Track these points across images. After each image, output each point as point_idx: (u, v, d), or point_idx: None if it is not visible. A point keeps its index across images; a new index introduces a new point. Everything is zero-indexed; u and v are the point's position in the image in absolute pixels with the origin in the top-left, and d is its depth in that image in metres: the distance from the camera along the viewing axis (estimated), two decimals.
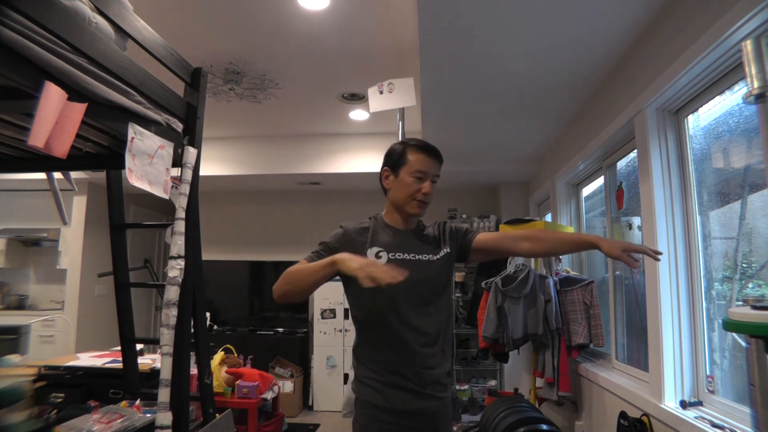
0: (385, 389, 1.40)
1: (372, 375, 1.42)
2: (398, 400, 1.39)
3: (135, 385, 2.02)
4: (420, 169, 1.47)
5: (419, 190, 1.47)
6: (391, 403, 1.39)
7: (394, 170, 1.51)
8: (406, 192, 1.47)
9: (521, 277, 3.02)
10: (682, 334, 2.01)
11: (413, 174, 1.46)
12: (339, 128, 4.64)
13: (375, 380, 1.41)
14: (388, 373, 1.40)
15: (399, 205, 1.51)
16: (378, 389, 1.40)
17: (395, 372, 1.40)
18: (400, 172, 1.49)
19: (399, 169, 1.49)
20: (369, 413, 1.41)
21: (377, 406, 1.40)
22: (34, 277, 5.45)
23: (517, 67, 2.58)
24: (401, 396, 1.39)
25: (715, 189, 1.99)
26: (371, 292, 1.25)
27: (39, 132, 1.03)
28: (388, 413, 1.39)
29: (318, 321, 5.02)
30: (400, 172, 1.49)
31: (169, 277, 1.62)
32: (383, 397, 1.39)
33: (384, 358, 1.42)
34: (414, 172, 1.47)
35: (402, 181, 1.48)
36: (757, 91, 1.13)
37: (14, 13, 1.01)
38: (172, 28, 2.79)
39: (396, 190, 1.50)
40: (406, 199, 1.48)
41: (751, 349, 1.04)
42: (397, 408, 1.39)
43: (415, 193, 1.47)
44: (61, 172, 1.99)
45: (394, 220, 1.54)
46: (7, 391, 1.49)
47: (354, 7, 2.58)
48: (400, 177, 1.49)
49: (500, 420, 2.52)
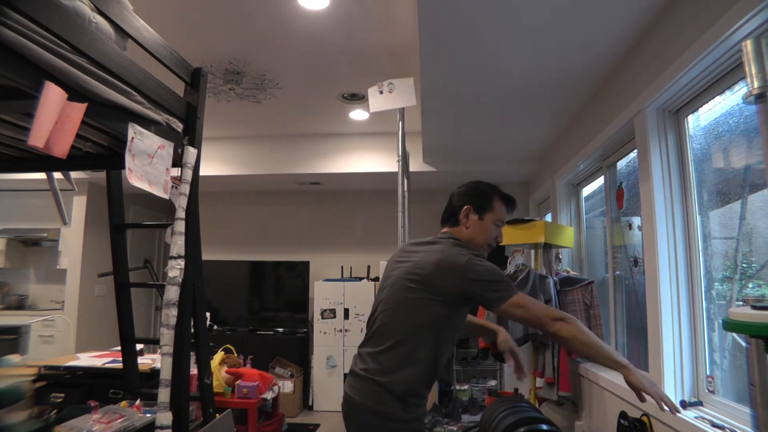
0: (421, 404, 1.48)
1: (418, 401, 1.47)
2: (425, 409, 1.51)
3: (135, 385, 2.02)
4: (502, 219, 1.59)
5: (495, 237, 1.59)
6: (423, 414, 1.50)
7: (478, 211, 1.58)
8: (486, 236, 1.58)
9: (521, 277, 3.02)
10: (682, 334, 2.01)
11: (496, 221, 1.58)
12: (339, 128, 4.64)
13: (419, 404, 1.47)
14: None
15: (473, 245, 1.56)
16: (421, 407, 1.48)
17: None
18: (485, 216, 1.57)
19: (485, 213, 1.58)
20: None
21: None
22: (34, 277, 5.45)
23: (517, 67, 2.58)
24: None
25: (715, 189, 1.99)
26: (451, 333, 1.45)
27: (39, 132, 1.03)
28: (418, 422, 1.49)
29: (318, 321, 5.02)
30: (485, 216, 1.57)
31: (169, 277, 1.62)
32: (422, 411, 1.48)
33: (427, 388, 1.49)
34: (497, 220, 1.59)
35: (485, 226, 1.57)
36: (757, 91, 1.13)
37: (14, 13, 1.01)
38: (172, 28, 2.79)
39: (475, 231, 1.57)
40: (483, 242, 1.58)
41: (751, 349, 1.04)
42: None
43: (492, 239, 1.59)
44: (61, 172, 1.98)
45: None
46: (7, 391, 1.49)
47: (354, 7, 2.58)
48: (485, 221, 1.57)
49: (500, 420, 2.51)
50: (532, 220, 3.21)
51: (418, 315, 1.43)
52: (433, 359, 1.44)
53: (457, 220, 1.58)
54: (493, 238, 1.58)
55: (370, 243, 5.68)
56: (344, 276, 5.48)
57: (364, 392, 1.43)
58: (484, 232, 1.57)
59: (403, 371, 1.41)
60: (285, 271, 5.54)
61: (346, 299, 5.00)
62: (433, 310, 1.42)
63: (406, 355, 1.41)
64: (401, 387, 1.40)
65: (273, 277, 5.60)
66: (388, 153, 4.72)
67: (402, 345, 1.42)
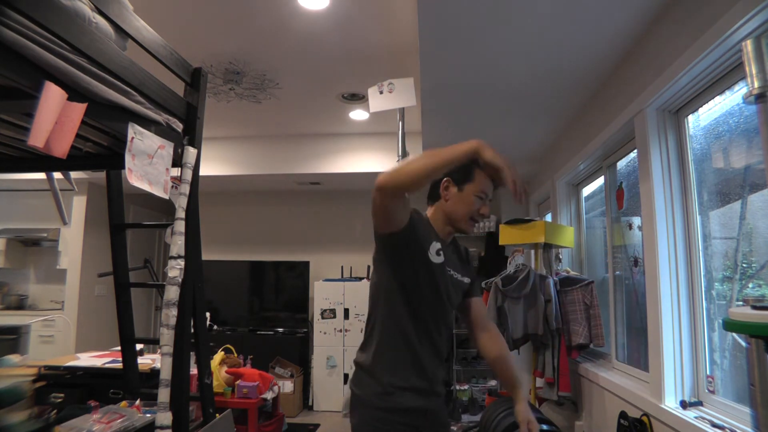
0: (403, 393, 1.40)
1: (394, 381, 1.41)
2: (410, 400, 1.41)
3: (135, 385, 2.02)
4: (485, 191, 1.48)
5: (478, 210, 1.48)
6: (404, 405, 1.40)
7: (458, 183, 1.49)
8: (467, 209, 1.48)
9: (521, 277, 3.02)
10: (682, 334, 2.01)
11: (478, 193, 1.47)
12: (339, 128, 4.64)
13: (395, 386, 1.41)
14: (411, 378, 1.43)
15: (454, 218, 1.50)
16: (397, 393, 1.40)
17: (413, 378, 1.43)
18: (465, 187, 1.48)
19: (464, 184, 1.48)
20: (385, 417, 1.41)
21: (397, 409, 1.39)
22: (34, 277, 5.45)
23: (517, 67, 2.58)
24: (412, 396, 1.41)
25: (715, 189, 1.99)
26: (428, 285, 1.39)
27: (39, 132, 1.03)
28: (399, 414, 1.40)
29: (318, 321, 5.02)
30: (465, 188, 1.48)
31: (169, 277, 1.62)
32: (400, 401, 1.39)
33: (403, 367, 1.42)
34: (479, 191, 1.47)
35: (465, 197, 1.48)
36: (757, 91, 1.13)
37: (14, 13, 1.01)
38: (172, 28, 2.79)
39: (455, 204, 1.49)
40: (463, 215, 1.48)
41: (751, 349, 1.04)
42: (410, 407, 1.41)
43: (474, 212, 1.48)
44: (61, 172, 1.99)
45: (439, 228, 1.52)
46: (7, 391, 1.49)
47: (354, 7, 2.58)
48: (465, 192, 1.48)
49: (500, 420, 2.51)
50: (532, 220, 3.22)
51: (372, 290, 1.48)
52: (396, 329, 1.41)
53: (438, 195, 1.54)
54: (476, 211, 1.47)
55: (370, 243, 5.60)
56: (344, 276, 5.47)
57: (352, 379, 1.49)
58: (466, 204, 1.47)
59: (371, 346, 1.43)
60: (285, 271, 5.54)
61: (346, 299, 5.00)
62: (377, 278, 1.47)
63: (371, 329, 1.45)
64: (371, 363, 1.41)
65: (273, 277, 5.60)
66: (388, 153, 4.72)
67: (368, 322, 1.48)
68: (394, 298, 1.42)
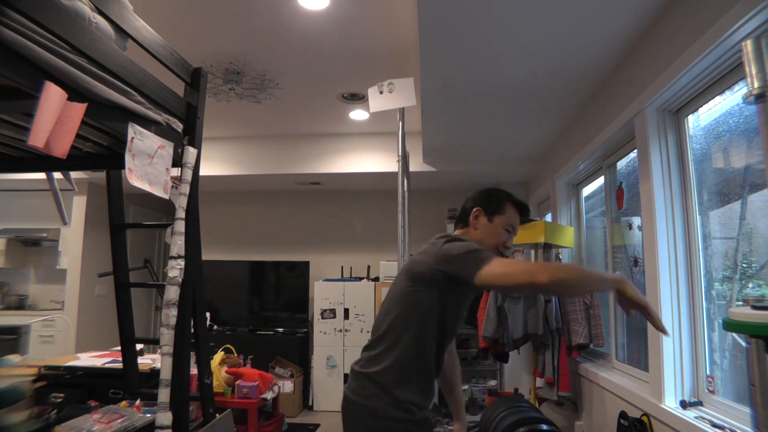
0: (421, 411, 1.44)
1: (412, 398, 1.43)
2: (426, 414, 1.47)
3: (135, 385, 2.02)
4: (513, 225, 1.55)
5: (504, 243, 1.54)
6: (421, 417, 1.44)
7: (488, 214, 1.55)
8: (494, 240, 1.53)
9: None
10: (682, 334, 2.01)
11: (506, 226, 1.54)
12: (339, 128, 4.64)
13: (413, 403, 1.43)
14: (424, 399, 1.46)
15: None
16: (416, 411, 1.42)
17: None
18: (495, 219, 1.54)
19: (494, 216, 1.54)
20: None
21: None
22: (34, 277, 5.45)
23: (517, 67, 2.58)
24: (426, 412, 1.47)
25: (715, 189, 1.99)
26: (458, 315, 1.46)
27: (39, 132, 1.03)
28: (414, 425, 1.43)
29: (318, 321, 5.02)
30: (495, 219, 1.54)
31: (169, 277, 1.62)
32: (420, 415, 1.43)
33: (424, 387, 1.46)
34: (508, 224, 1.54)
35: (494, 229, 1.54)
36: (757, 91, 1.13)
37: (14, 13, 1.01)
38: (172, 28, 2.79)
39: (483, 234, 1.54)
40: (490, 246, 1.52)
41: (751, 349, 1.04)
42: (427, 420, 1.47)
43: (500, 244, 1.54)
44: (61, 172, 1.99)
45: None
46: (7, 391, 1.49)
47: (354, 7, 2.58)
48: (494, 224, 1.54)
49: (500, 420, 2.51)
50: (532, 220, 3.21)
51: (402, 304, 1.45)
52: (419, 349, 1.42)
53: (467, 221, 1.58)
54: (503, 243, 1.54)
55: (370, 243, 5.69)
56: (344, 276, 5.47)
57: (355, 388, 1.45)
58: (493, 236, 1.53)
59: (387, 360, 1.42)
60: (285, 271, 5.54)
61: (346, 299, 5.00)
62: (416, 297, 1.43)
63: (390, 343, 1.43)
64: (386, 377, 1.40)
65: (273, 277, 5.60)
66: (388, 153, 4.72)
67: (387, 335, 1.45)
68: (432, 320, 1.43)
